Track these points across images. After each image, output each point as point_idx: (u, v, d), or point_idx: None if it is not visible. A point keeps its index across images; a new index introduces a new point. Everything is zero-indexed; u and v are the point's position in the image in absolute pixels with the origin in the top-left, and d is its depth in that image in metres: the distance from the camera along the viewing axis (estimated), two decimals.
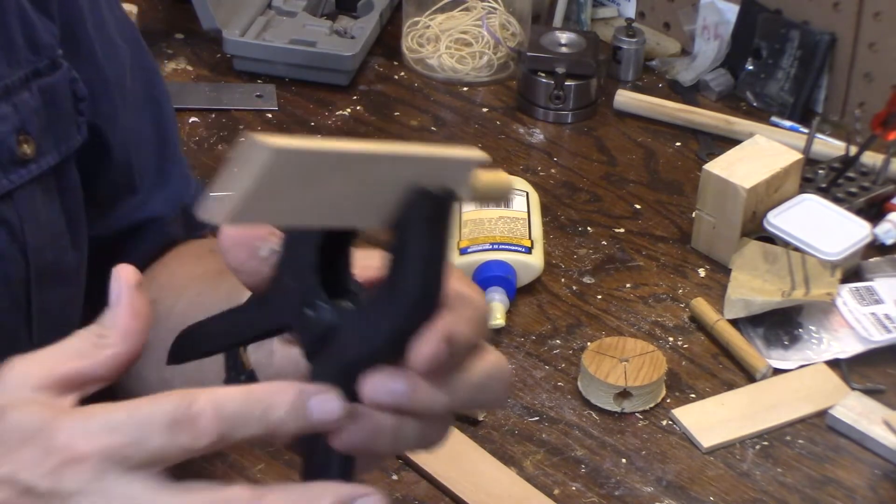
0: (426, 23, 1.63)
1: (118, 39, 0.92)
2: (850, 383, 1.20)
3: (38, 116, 0.84)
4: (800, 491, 1.11)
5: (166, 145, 0.98)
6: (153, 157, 0.96)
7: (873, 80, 1.49)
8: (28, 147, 0.84)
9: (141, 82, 0.95)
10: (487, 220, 1.30)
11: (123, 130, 0.92)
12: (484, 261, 1.27)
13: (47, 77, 0.85)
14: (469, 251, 1.28)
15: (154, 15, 1.67)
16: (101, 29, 0.90)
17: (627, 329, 1.25)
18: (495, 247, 1.28)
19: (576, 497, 1.09)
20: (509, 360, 1.21)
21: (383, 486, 1.08)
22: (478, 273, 1.26)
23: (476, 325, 0.63)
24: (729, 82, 1.57)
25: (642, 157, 1.48)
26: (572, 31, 1.57)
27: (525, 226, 1.31)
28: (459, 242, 1.29)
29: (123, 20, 0.95)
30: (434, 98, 1.57)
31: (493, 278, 1.26)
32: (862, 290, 1.28)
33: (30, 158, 0.84)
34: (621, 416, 1.16)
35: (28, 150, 0.84)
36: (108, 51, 0.91)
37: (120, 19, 0.94)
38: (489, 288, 1.25)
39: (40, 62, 0.84)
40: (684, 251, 1.35)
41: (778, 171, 1.32)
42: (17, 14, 0.83)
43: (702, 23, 1.59)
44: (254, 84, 1.56)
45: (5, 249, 0.83)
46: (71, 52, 0.87)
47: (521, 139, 1.50)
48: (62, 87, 0.86)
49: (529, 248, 1.29)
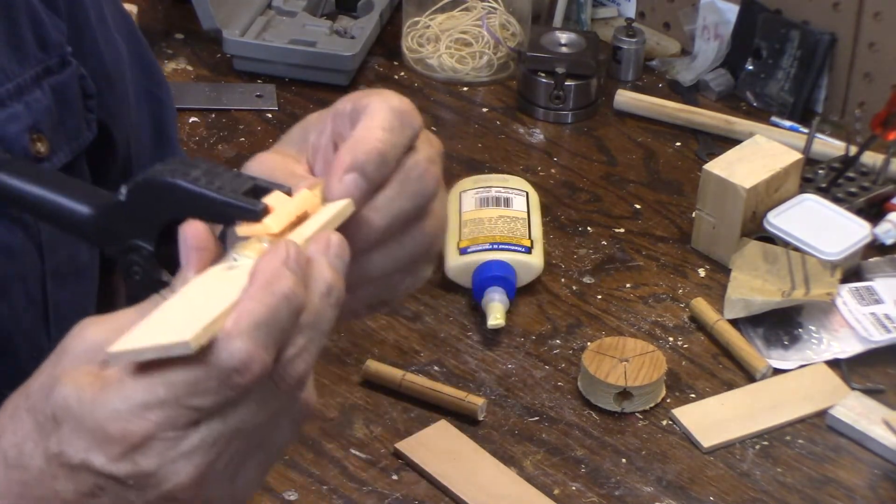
0: (426, 23, 1.63)
1: (116, 34, 0.92)
2: (850, 383, 1.20)
3: (49, 115, 0.84)
4: (800, 491, 1.11)
5: (165, 140, 0.98)
6: (151, 151, 0.97)
7: (873, 80, 1.49)
8: (41, 145, 0.84)
9: (140, 76, 0.95)
10: (487, 220, 1.30)
11: (125, 125, 0.92)
12: (484, 261, 1.27)
13: (57, 75, 0.85)
14: (469, 251, 1.28)
15: (154, 15, 1.67)
16: (102, 23, 0.90)
17: (627, 329, 1.25)
18: (495, 247, 1.28)
19: (576, 497, 1.09)
20: (509, 360, 1.21)
21: (383, 486, 1.09)
22: (478, 273, 1.26)
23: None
24: (729, 82, 1.57)
25: (642, 157, 1.48)
26: (572, 31, 1.57)
27: (525, 226, 1.30)
28: (459, 242, 1.29)
29: (121, 13, 0.95)
30: (434, 98, 1.57)
31: (493, 278, 1.26)
32: (862, 290, 1.28)
33: (43, 156, 0.84)
34: (621, 416, 1.16)
35: (42, 149, 0.84)
36: (110, 45, 0.91)
37: (117, 13, 0.94)
38: (489, 288, 1.25)
39: (51, 60, 0.84)
40: (684, 251, 1.35)
41: (778, 171, 1.32)
42: (27, 11, 0.83)
43: (702, 23, 1.59)
44: (254, 84, 1.56)
45: (21, 247, 0.83)
46: (76, 48, 0.87)
47: (521, 139, 1.50)
48: (72, 85, 0.86)
49: (529, 247, 1.29)
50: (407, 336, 1.23)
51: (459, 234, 1.29)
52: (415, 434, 1.12)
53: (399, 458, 1.11)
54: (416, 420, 1.14)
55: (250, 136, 1.48)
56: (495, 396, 1.17)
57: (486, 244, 1.28)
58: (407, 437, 1.12)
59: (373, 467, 1.10)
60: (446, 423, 1.14)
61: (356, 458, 1.11)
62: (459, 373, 1.20)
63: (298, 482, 1.09)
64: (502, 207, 1.31)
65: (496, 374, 1.20)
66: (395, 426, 1.14)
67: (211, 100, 1.53)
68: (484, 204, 1.32)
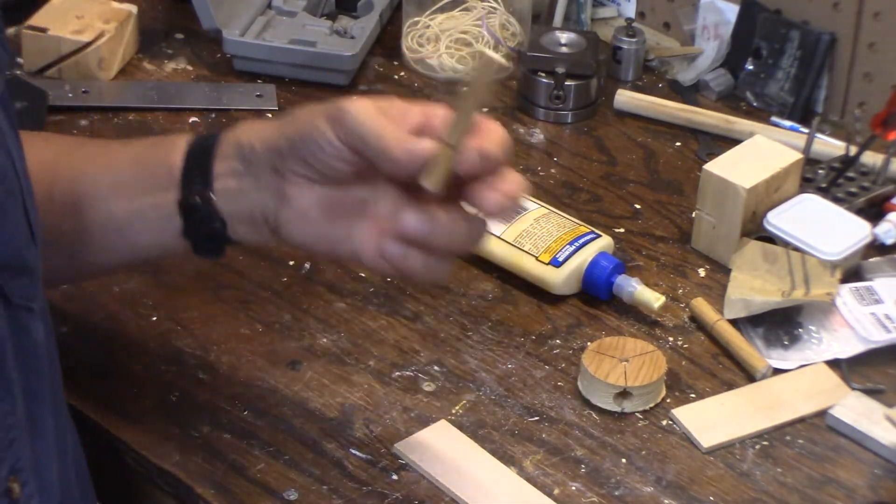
0: (426, 23, 1.63)
1: None
2: (850, 383, 1.20)
3: None
4: (800, 491, 1.11)
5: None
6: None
7: (873, 80, 1.49)
8: None
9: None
10: (532, 228, 1.29)
11: None
12: (590, 260, 1.27)
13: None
14: (561, 258, 1.27)
15: (154, 15, 1.67)
16: None
17: (627, 329, 1.25)
18: (575, 244, 1.28)
19: (576, 497, 1.09)
20: (509, 360, 1.21)
21: (383, 486, 1.09)
22: (592, 272, 1.27)
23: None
24: (729, 82, 1.57)
25: (642, 157, 1.48)
26: (572, 31, 1.57)
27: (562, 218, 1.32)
28: (539, 256, 1.27)
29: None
30: (434, 98, 1.57)
31: (610, 268, 1.26)
32: (862, 290, 1.28)
33: None
34: (621, 416, 1.16)
35: None
36: None
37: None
38: (619, 276, 1.26)
39: None
40: (684, 251, 1.35)
41: (778, 171, 1.32)
42: None
43: (702, 23, 1.59)
44: (254, 84, 1.56)
45: (5, 166, 0.87)
46: None
47: (521, 139, 1.51)
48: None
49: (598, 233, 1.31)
50: (407, 336, 1.23)
51: (528, 248, 1.28)
52: (415, 434, 1.13)
53: (399, 458, 1.11)
54: (416, 420, 1.14)
55: None
56: (495, 396, 1.17)
57: (565, 246, 1.28)
58: (407, 437, 1.12)
59: (373, 467, 1.10)
60: (446, 423, 1.14)
61: (356, 458, 1.11)
62: (459, 373, 1.20)
63: (298, 482, 1.09)
64: (523, 213, 1.31)
65: (496, 374, 1.20)
66: (395, 426, 1.14)
67: (211, 100, 1.53)
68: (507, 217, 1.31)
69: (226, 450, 1.11)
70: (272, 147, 0.99)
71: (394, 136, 0.93)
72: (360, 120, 0.93)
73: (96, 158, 1.07)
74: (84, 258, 1.07)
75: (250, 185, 1.00)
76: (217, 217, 1.01)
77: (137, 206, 1.03)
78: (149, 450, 1.11)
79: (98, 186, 1.05)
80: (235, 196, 1.01)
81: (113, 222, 1.04)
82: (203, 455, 1.11)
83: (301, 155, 0.97)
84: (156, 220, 1.03)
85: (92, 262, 1.08)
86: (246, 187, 1.00)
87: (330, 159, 0.96)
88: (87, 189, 1.05)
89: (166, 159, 1.03)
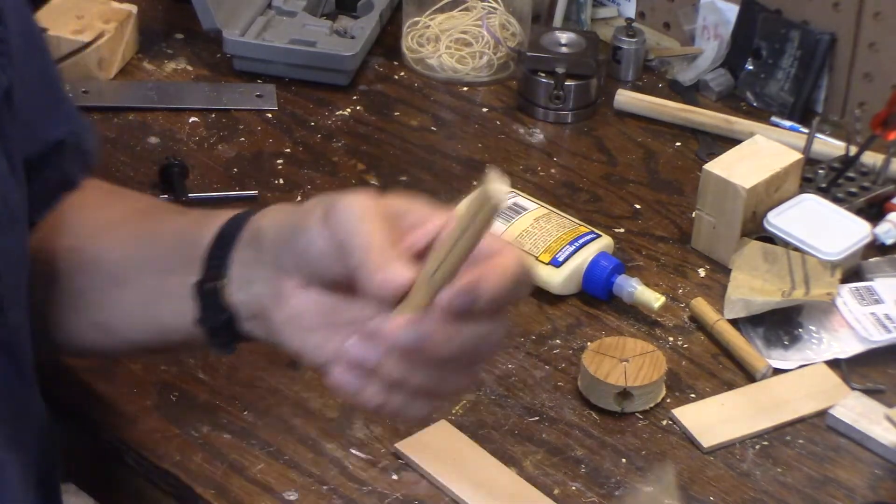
0: (426, 23, 1.63)
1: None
2: (850, 383, 1.20)
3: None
4: (800, 491, 1.11)
5: (54, 84, 1.02)
6: (43, 93, 0.99)
7: (873, 80, 1.49)
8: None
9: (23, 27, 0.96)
10: (531, 228, 1.29)
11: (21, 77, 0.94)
12: (590, 260, 1.27)
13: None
14: (561, 258, 1.27)
15: (154, 15, 1.67)
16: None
17: (627, 329, 1.25)
18: (575, 244, 1.28)
19: (576, 497, 1.09)
20: (509, 360, 1.21)
21: (383, 486, 1.09)
22: (592, 273, 1.27)
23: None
24: (729, 82, 1.57)
25: (642, 157, 1.48)
26: (572, 31, 1.57)
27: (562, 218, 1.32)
28: (540, 256, 1.27)
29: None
30: (434, 98, 1.57)
31: (610, 268, 1.26)
32: (862, 290, 1.28)
33: None
34: (621, 416, 1.16)
35: None
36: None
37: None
38: (619, 276, 1.26)
39: None
40: (684, 251, 1.35)
41: (778, 171, 1.32)
42: None
43: (702, 23, 1.59)
44: (254, 84, 1.56)
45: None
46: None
47: (521, 139, 1.51)
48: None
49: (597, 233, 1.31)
50: None
51: (528, 248, 1.28)
52: (415, 434, 1.12)
53: (399, 458, 1.11)
54: (416, 420, 1.14)
55: (250, 135, 1.48)
56: (495, 396, 1.17)
57: (565, 246, 1.28)
58: (407, 437, 1.12)
59: (373, 467, 1.10)
60: (446, 423, 1.14)
61: (356, 458, 1.11)
62: None
63: (298, 482, 1.09)
64: (522, 213, 1.31)
65: (496, 374, 1.20)
66: (395, 426, 1.14)
67: (211, 100, 1.53)
68: (508, 218, 1.31)
69: (226, 450, 1.11)
70: (277, 235, 0.89)
71: (380, 255, 0.80)
72: (349, 220, 0.82)
73: (149, 226, 1.01)
74: (116, 331, 1.01)
75: (258, 275, 0.91)
76: (225, 307, 0.93)
77: (166, 282, 0.96)
78: (149, 450, 1.11)
79: (137, 259, 0.99)
80: (244, 285, 0.92)
81: (140, 296, 0.98)
82: (203, 455, 1.11)
83: (295, 248, 0.87)
84: (178, 300, 0.94)
85: (124, 337, 1.01)
86: (253, 277, 0.91)
87: (320, 258, 0.85)
88: (127, 262, 0.99)
89: (200, 236, 0.94)
